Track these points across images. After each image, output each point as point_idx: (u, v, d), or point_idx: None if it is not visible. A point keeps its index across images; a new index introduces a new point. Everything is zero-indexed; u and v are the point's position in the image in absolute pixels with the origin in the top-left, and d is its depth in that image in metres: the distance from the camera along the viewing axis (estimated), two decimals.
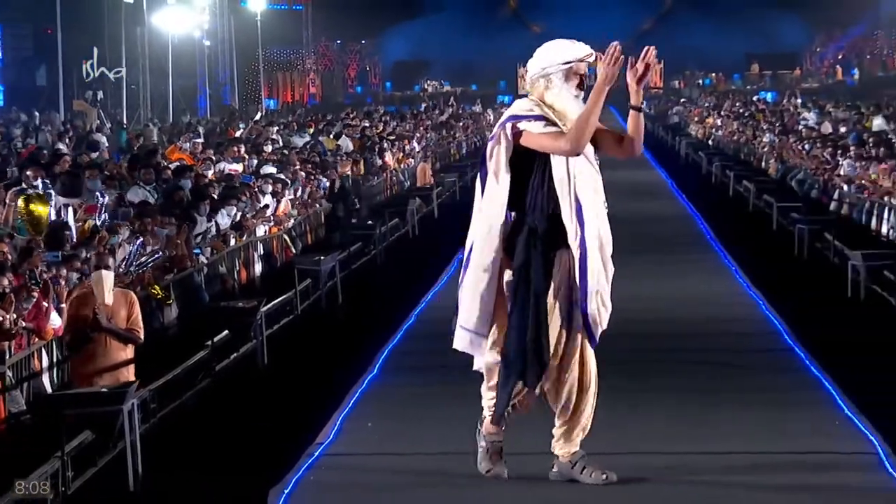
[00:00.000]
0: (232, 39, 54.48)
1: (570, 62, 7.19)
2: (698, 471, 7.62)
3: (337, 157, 27.63)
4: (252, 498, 7.30)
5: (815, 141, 29.04)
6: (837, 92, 55.00)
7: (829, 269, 16.69)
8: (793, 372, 10.63)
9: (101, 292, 9.79)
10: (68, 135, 31.36)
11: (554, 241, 7.06)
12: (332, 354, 12.01)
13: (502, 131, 7.11)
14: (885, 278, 14.23)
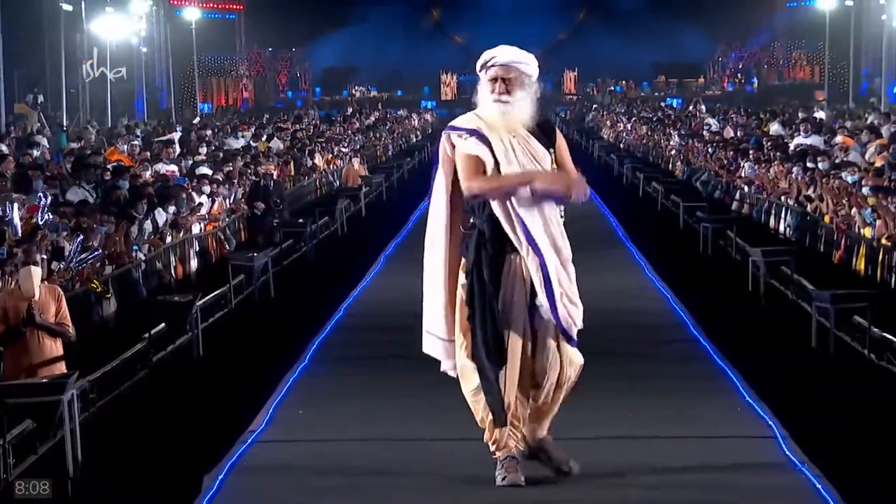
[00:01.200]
0: (168, 46, 54.03)
1: (482, 69, 6.96)
2: (608, 454, 7.67)
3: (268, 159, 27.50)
4: (188, 483, 7.24)
5: (718, 145, 29.31)
6: (738, 99, 55.61)
7: (731, 264, 16.86)
8: (698, 361, 10.72)
9: (31, 287, 9.57)
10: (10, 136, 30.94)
11: (502, 244, 6.80)
12: (264, 346, 11.96)
13: (445, 139, 6.95)
14: (783, 273, 14.39)
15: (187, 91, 56.48)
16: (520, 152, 6.80)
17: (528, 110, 6.83)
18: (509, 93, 6.80)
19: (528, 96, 6.83)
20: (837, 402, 9.37)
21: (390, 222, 22.50)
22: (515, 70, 6.83)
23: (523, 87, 6.82)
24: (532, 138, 6.83)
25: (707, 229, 18.47)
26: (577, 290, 6.93)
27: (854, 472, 7.34)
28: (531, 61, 6.92)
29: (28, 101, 42.40)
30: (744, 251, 15.98)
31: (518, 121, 6.80)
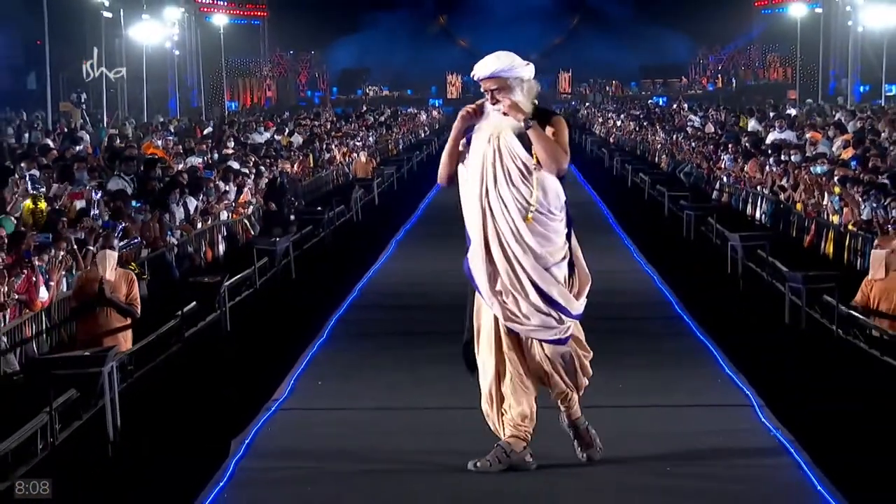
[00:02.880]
0: (198, 49, 54.01)
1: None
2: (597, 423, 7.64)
3: (290, 153, 27.50)
4: (217, 447, 7.23)
5: (700, 140, 29.25)
6: (718, 98, 55.52)
7: (711, 248, 16.83)
8: (681, 337, 10.70)
9: (105, 268, 10.13)
10: (55, 132, 30.95)
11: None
12: (286, 323, 11.94)
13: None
14: (759, 256, 14.36)
15: (216, 90, 56.46)
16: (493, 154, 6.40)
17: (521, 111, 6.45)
18: (499, 101, 6.47)
19: (517, 97, 6.46)
20: (809, 374, 9.36)
21: (401, 210, 22.49)
22: (496, 80, 6.46)
23: (511, 91, 6.45)
24: (513, 138, 6.42)
25: (690, 216, 18.44)
26: (559, 291, 6.41)
27: (824, 436, 7.33)
28: (508, 64, 6.48)
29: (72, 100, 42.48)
30: (723, 236, 15.95)
31: (508, 123, 6.44)
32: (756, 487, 6.37)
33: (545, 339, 6.42)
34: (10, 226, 12.62)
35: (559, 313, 6.42)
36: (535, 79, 6.59)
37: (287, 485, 6.54)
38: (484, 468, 6.47)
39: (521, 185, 6.41)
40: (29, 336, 10.78)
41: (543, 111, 6.59)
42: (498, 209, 6.40)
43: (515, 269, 6.38)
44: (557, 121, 6.57)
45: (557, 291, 6.41)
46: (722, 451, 6.96)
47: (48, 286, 11.32)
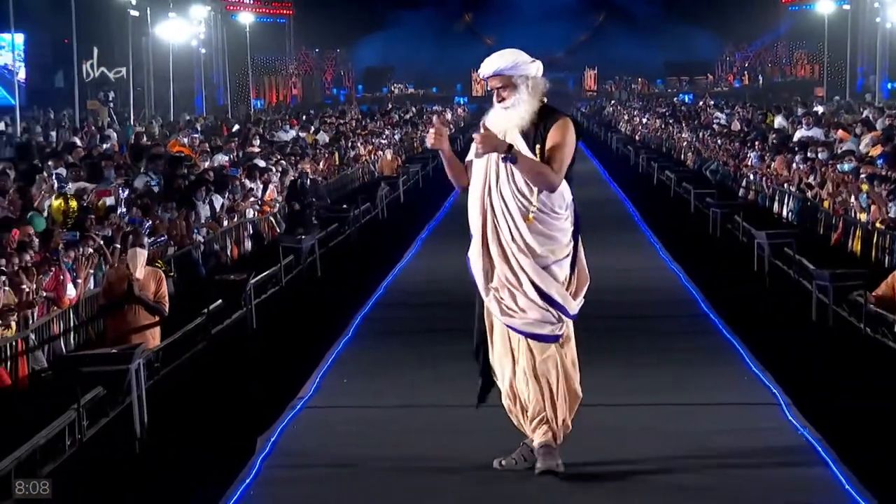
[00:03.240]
0: (224, 48, 54.22)
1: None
2: (623, 420, 7.65)
3: (316, 150, 27.55)
4: (243, 445, 7.26)
5: (726, 137, 29.13)
6: (744, 95, 55.30)
7: (737, 246, 16.75)
8: (707, 334, 10.66)
9: (135, 266, 10.19)
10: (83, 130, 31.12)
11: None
12: (312, 320, 11.96)
13: None
14: (785, 254, 14.29)
15: (242, 88, 56.66)
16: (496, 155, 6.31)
17: (524, 111, 6.34)
18: (505, 98, 6.40)
19: (522, 96, 6.36)
20: (836, 372, 9.31)
21: (426, 208, 22.48)
22: (500, 78, 6.39)
23: (516, 90, 6.35)
24: (520, 139, 6.32)
25: (716, 214, 18.37)
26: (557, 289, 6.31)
27: (852, 434, 7.29)
28: (513, 61, 6.39)
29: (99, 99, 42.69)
30: (749, 234, 15.87)
31: (514, 123, 6.35)
32: (783, 486, 6.33)
33: (540, 333, 6.30)
34: (41, 224, 12.70)
35: (557, 311, 6.33)
36: (545, 76, 6.51)
37: (313, 483, 6.56)
38: (510, 466, 6.44)
39: (523, 185, 6.31)
40: (57, 333, 10.84)
41: (550, 111, 6.43)
42: (499, 207, 6.35)
43: (513, 267, 6.32)
44: (562, 126, 6.35)
45: (556, 290, 6.33)
46: (748, 450, 6.92)
47: (76, 284, 11.38)
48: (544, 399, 6.34)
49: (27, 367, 9.99)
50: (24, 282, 10.54)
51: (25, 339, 10.05)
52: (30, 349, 10.12)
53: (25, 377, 9.90)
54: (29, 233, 11.68)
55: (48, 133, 32.72)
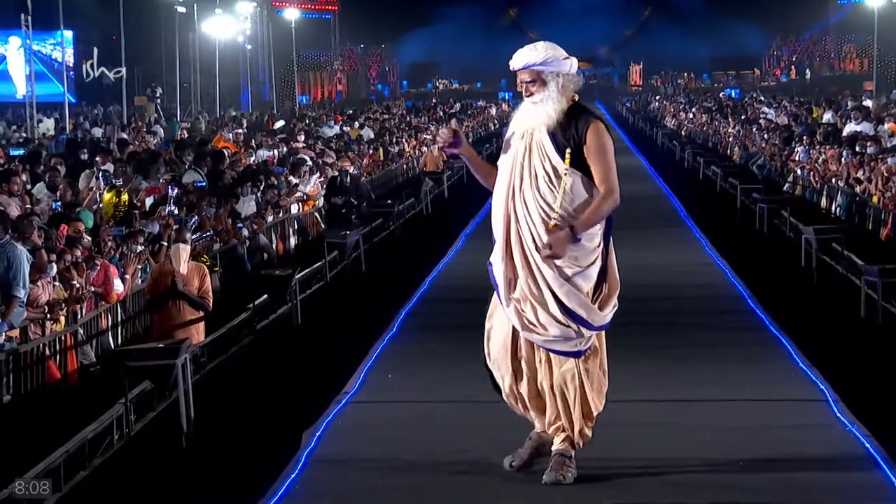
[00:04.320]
0: (270, 44, 54.43)
1: None
2: (670, 415, 7.63)
3: (360, 146, 27.60)
4: (288, 438, 7.29)
5: (773, 131, 28.90)
6: (792, 89, 54.87)
7: (785, 242, 16.62)
8: (754, 330, 10.59)
9: (178, 262, 10.21)
10: (130, 126, 31.38)
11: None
12: (356, 316, 11.99)
13: None
14: (833, 249, 14.16)
15: (287, 84, 56.91)
16: (524, 152, 6.14)
17: (552, 108, 6.11)
18: (533, 94, 6.18)
19: (550, 93, 6.12)
20: (885, 368, 9.21)
21: (470, 203, 22.42)
22: (529, 72, 6.17)
23: (545, 86, 6.12)
24: (547, 139, 6.10)
25: (763, 209, 18.22)
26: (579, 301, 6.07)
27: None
28: (544, 57, 6.15)
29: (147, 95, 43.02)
30: (797, 229, 15.74)
31: (541, 120, 6.12)
32: (832, 482, 6.28)
33: (562, 350, 6.08)
34: (90, 219, 12.80)
35: (578, 325, 6.05)
36: (590, 71, 6.42)
37: (358, 476, 6.57)
38: (519, 463, 6.34)
39: (546, 191, 6.07)
40: (105, 328, 10.94)
41: (580, 111, 6.18)
42: (522, 213, 6.12)
43: (535, 276, 6.08)
44: (596, 132, 6.10)
45: (577, 302, 6.05)
46: (796, 446, 6.88)
47: (123, 279, 11.47)
48: (560, 410, 6.19)
49: (76, 362, 10.09)
50: (74, 277, 10.64)
51: (74, 333, 10.15)
52: (78, 344, 10.22)
53: (74, 371, 10.00)
54: (78, 228, 11.78)
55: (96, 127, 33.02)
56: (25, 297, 9.70)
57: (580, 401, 6.16)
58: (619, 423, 6.84)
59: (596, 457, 6.57)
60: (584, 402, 6.17)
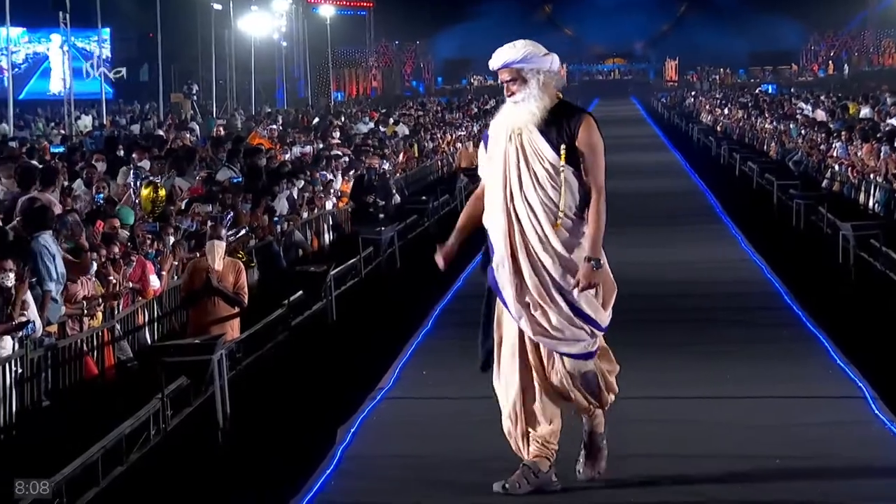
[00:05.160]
0: (305, 41, 54.56)
1: None
2: (707, 413, 7.60)
3: (394, 142, 27.63)
4: (323, 435, 7.30)
5: (810, 127, 28.70)
6: (829, 84, 54.44)
7: (822, 238, 16.50)
8: (791, 327, 10.52)
9: (213, 258, 10.21)
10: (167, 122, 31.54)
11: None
12: (391, 312, 12.00)
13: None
14: (872, 246, 14.05)
15: (322, 81, 57.03)
16: (515, 151, 5.95)
17: (535, 106, 5.94)
18: (514, 93, 6.01)
19: (532, 90, 5.95)
20: None
21: None
22: (509, 71, 6.01)
23: (526, 83, 5.97)
24: (539, 136, 5.94)
25: (799, 205, 18.09)
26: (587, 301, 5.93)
27: None
28: (523, 54, 6.00)
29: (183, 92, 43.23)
30: (834, 225, 15.62)
31: (525, 119, 5.95)
32: (870, 479, 6.25)
33: (574, 353, 5.94)
34: (130, 216, 12.87)
35: (590, 326, 5.95)
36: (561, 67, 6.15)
37: (392, 472, 6.58)
38: (513, 490, 6.04)
39: (549, 189, 5.91)
40: (141, 324, 11.00)
41: (570, 108, 6.05)
42: (525, 215, 5.94)
43: (544, 279, 5.93)
44: (588, 128, 5.96)
45: (586, 302, 5.92)
46: (834, 443, 6.85)
47: (159, 275, 11.53)
48: (588, 400, 6.07)
49: (113, 357, 10.15)
50: (111, 273, 10.70)
51: (111, 329, 10.21)
52: (115, 339, 10.28)
53: (112, 367, 10.06)
54: (114, 225, 11.85)
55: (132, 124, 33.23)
56: (58, 291, 9.72)
57: (603, 381, 6.09)
58: (655, 420, 6.81)
59: (631, 454, 6.57)
60: (606, 383, 6.10)
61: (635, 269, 13.03)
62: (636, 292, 12.10)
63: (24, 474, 6.54)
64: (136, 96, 46.90)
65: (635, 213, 18.47)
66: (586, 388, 6.02)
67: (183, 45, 47.84)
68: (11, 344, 8.86)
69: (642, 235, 16.22)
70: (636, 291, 11.97)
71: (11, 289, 8.93)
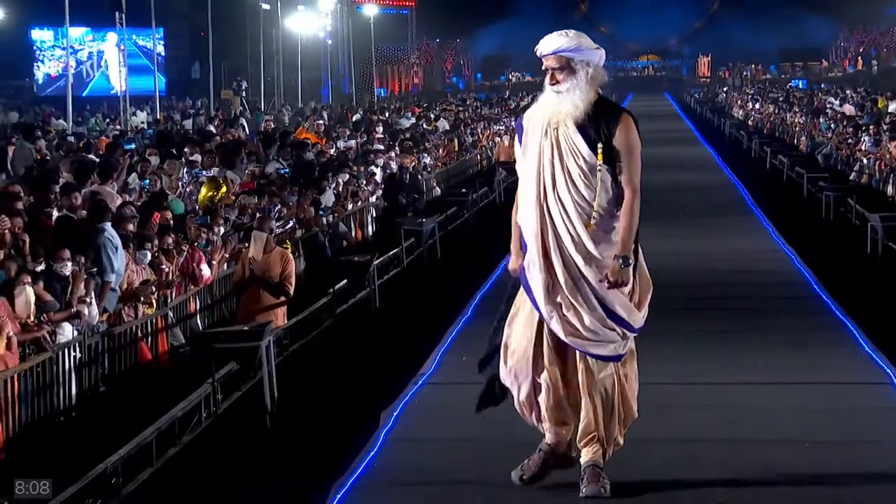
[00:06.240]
0: (350, 39, 54.63)
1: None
2: (738, 398, 7.57)
3: (436, 137, 27.61)
4: (367, 418, 7.32)
5: (840, 122, 28.43)
6: (858, 80, 53.89)
7: (851, 229, 16.36)
8: (820, 315, 10.44)
9: (257, 250, 10.27)
10: (217, 118, 31.68)
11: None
12: (432, 300, 12.01)
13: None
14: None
15: (366, 77, 57.06)
16: (551, 147, 5.64)
17: (579, 98, 5.62)
18: (559, 82, 5.65)
19: (579, 82, 5.62)
20: None
21: None
22: (558, 58, 5.65)
23: (574, 74, 5.62)
24: (577, 132, 5.62)
25: (829, 197, 17.95)
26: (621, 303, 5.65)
27: None
28: (576, 44, 5.66)
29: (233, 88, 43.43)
30: (863, 217, 15.48)
31: (566, 111, 5.63)
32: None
33: (604, 354, 5.62)
34: (180, 207, 12.95)
35: (622, 329, 5.64)
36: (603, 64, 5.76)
37: (434, 455, 6.59)
38: (529, 474, 5.88)
39: (583, 188, 5.59)
40: (193, 311, 11.07)
41: (609, 106, 5.75)
42: (557, 214, 5.62)
43: (577, 280, 5.61)
44: (627, 128, 5.63)
45: (620, 304, 5.63)
46: (862, 428, 6.81)
47: (210, 265, 11.59)
48: (597, 417, 5.70)
49: (166, 343, 10.23)
50: (164, 262, 10.77)
51: (165, 316, 10.28)
52: (168, 326, 10.35)
53: (165, 353, 10.14)
54: (168, 217, 11.93)
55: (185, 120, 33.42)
56: (117, 282, 9.81)
57: (620, 405, 5.73)
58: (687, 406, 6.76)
59: (668, 437, 6.55)
60: (624, 406, 5.76)
61: (669, 259, 12.99)
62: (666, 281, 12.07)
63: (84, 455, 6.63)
64: (188, 93, 47.17)
65: (669, 205, 18.38)
66: (602, 401, 5.68)
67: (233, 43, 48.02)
68: (70, 330, 8.95)
69: (675, 227, 16.12)
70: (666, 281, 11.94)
71: (69, 277, 9.02)
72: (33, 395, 8.11)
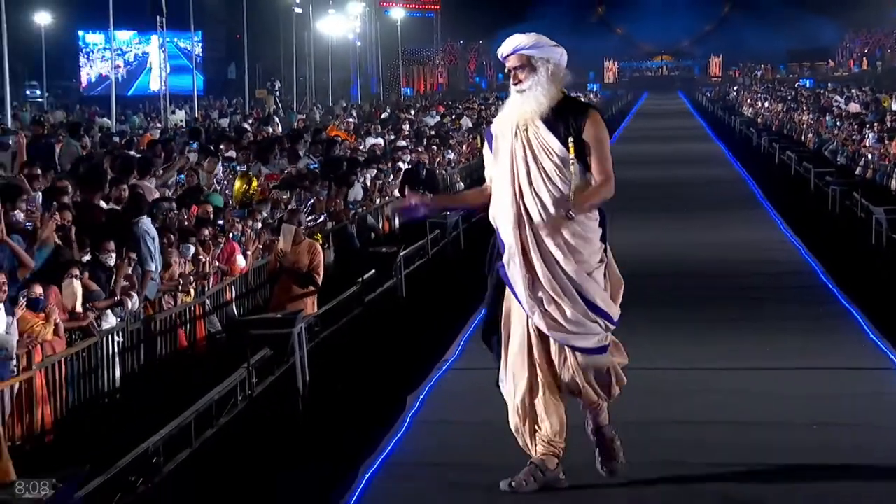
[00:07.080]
0: (378, 40, 54.70)
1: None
2: (746, 383, 7.54)
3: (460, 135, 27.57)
4: (394, 401, 7.33)
5: (845, 119, 28.24)
6: (863, 79, 53.52)
7: (856, 221, 16.25)
8: (826, 304, 10.38)
9: (284, 241, 10.28)
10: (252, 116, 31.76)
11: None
12: (456, 288, 11.99)
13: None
14: None
15: (393, 77, 57.14)
16: (522, 147, 5.43)
17: (542, 94, 5.42)
18: (521, 81, 5.45)
19: (540, 79, 5.42)
20: None
21: None
22: (518, 57, 5.46)
23: (534, 72, 5.42)
24: (546, 130, 5.41)
25: (835, 191, 17.85)
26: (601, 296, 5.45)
27: None
28: (534, 41, 5.47)
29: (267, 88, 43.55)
30: (868, 210, 15.37)
31: (531, 109, 5.43)
32: None
33: (588, 346, 5.42)
34: (219, 201, 12.96)
35: (604, 321, 5.45)
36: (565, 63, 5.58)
37: (457, 435, 6.59)
38: (519, 488, 5.54)
39: (559, 182, 5.39)
40: (229, 299, 11.10)
41: (576, 103, 5.63)
42: (536, 211, 5.41)
43: (557, 273, 5.40)
44: (595, 122, 5.45)
45: (600, 297, 5.44)
46: (866, 413, 6.75)
47: (245, 255, 11.62)
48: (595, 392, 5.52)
49: (204, 330, 10.26)
50: (202, 253, 10.80)
51: (202, 304, 10.31)
52: (206, 314, 10.38)
53: (202, 339, 10.17)
54: (206, 209, 11.95)
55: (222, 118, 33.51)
56: (157, 271, 9.83)
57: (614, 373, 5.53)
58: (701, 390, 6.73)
59: (678, 420, 6.53)
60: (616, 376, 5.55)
61: (682, 249, 12.94)
62: (680, 271, 12.03)
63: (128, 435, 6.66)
64: (225, 92, 47.32)
65: (682, 198, 18.33)
66: (599, 381, 5.50)
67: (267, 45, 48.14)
68: (113, 317, 8.99)
69: (688, 219, 16.09)
70: (679, 270, 11.90)
71: (113, 267, 9.06)
72: (79, 378, 8.14)
